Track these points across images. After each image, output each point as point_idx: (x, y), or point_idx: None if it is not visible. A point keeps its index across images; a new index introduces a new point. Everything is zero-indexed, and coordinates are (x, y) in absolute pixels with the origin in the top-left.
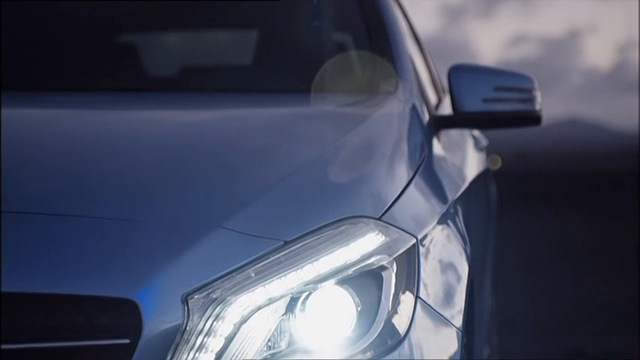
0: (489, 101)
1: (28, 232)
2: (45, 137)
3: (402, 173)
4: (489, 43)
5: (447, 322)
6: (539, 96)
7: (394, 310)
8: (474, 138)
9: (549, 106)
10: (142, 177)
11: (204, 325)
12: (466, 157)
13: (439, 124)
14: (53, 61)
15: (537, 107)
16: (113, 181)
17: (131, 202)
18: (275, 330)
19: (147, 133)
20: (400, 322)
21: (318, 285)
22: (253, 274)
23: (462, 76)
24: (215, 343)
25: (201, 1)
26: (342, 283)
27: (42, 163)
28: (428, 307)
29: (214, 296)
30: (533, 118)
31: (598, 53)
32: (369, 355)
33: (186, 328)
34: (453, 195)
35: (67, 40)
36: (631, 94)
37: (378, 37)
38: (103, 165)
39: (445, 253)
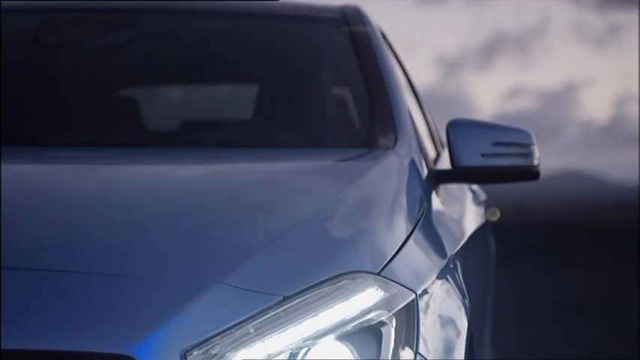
0: (488, 156)
1: (26, 288)
2: (43, 193)
3: (401, 228)
4: (486, 96)
5: None
6: (537, 151)
7: None
8: (473, 192)
9: (547, 158)
10: (140, 232)
11: None
12: (465, 212)
13: (438, 178)
14: (53, 115)
15: (535, 162)
16: (111, 236)
17: (129, 257)
18: None
19: (145, 187)
20: None
21: (318, 340)
22: (252, 330)
23: (460, 130)
24: None
25: (201, 55)
26: (341, 338)
27: (40, 219)
28: None
29: (213, 352)
30: (532, 173)
31: (595, 106)
32: None
33: None
34: (452, 249)
35: (68, 94)
36: (629, 147)
37: (376, 92)
38: (101, 220)
39: (444, 308)
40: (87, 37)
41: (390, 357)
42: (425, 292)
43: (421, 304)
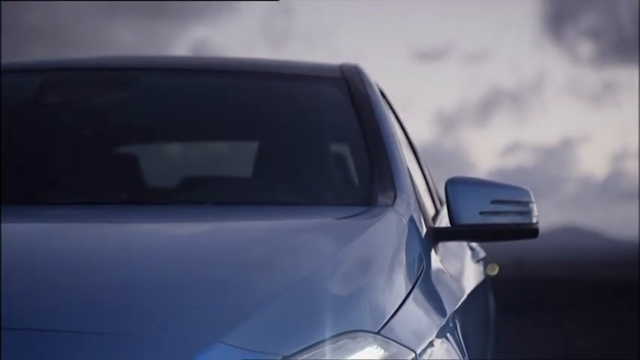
0: (486, 214)
1: (26, 349)
2: (43, 252)
3: (401, 286)
4: (484, 151)
5: None
6: (535, 209)
7: None
8: (472, 249)
9: (546, 213)
10: (139, 291)
11: None
12: (464, 269)
13: (437, 236)
14: (53, 173)
15: (534, 220)
16: (111, 295)
17: (128, 316)
18: None
19: (144, 246)
20: None
21: None
22: None
23: (459, 188)
24: None
25: (201, 112)
26: None
27: (40, 278)
28: None
29: None
30: (531, 231)
31: (592, 162)
32: None
33: None
34: (451, 307)
35: (68, 152)
36: (626, 203)
37: (375, 149)
38: (100, 279)
39: None
40: (88, 96)
41: None
42: (424, 351)
43: None
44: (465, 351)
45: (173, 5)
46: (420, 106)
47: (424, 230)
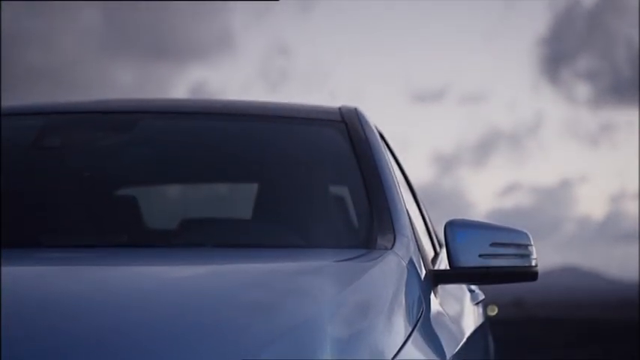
0: (486, 257)
1: None
2: (42, 295)
3: (400, 329)
4: (482, 192)
5: None
6: (534, 252)
7: None
8: (471, 291)
9: (545, 253)
10: (137, 334)
11: None
12: (463, 312)
13: (436, 279)
14: (53, 216)
15: (533, 263)
16: (108, 339)
17: None
18: None
19: (142, 289)
20: None
21: None
22: None
23: (458, 231)
24: None
25: (202, 155)
26: None
27: (39, 322)
28: None
29: None
30: (530, 274)
31: (590, 202)
32: None
33: None
34: (451, 350)
35: (68, 195)
36: (626, 244)
37: (374, 192)
38: (98, 323)
39: None
40: (87, 139)
41: None
42: None
43: None
44: None
45: (172, 47)
46: (418, 146)
47: (423, 273)
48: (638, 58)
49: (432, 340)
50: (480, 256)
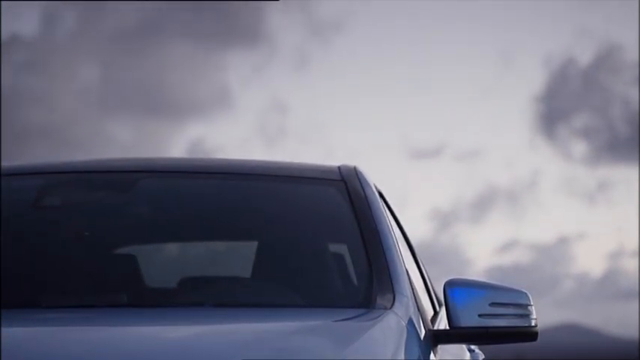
0: (485, 316)
1: None
2: (41, 357)
3: None
4: (481, 249)
5: None
6: (534, 312)
7: None
8: (471, 351)
9: (545, 310)
10: None
11: None
12: None
13: (436, 338)
14: (53, 277)
15: (533, 323)
16: None
17: None
18: None
19: (142, 351)
20: None
21: None
22: None
23: (458, 291)
24: None
25: (201, 213)
26: None
27: None
28: None
29: None
30: (530, 334)
31: (589, 260)
32: None
33: None
34: None
35: (67, 255)
36: (625, 301)
37: (374, 250)
38: None
39: None
40: (87, 198)
41: None
42: None
43: None
44: None
45: (170, 104)
46: (416, 203)
47: (423, 333)
48: (634, 115)
49: None
50: (480, 316)
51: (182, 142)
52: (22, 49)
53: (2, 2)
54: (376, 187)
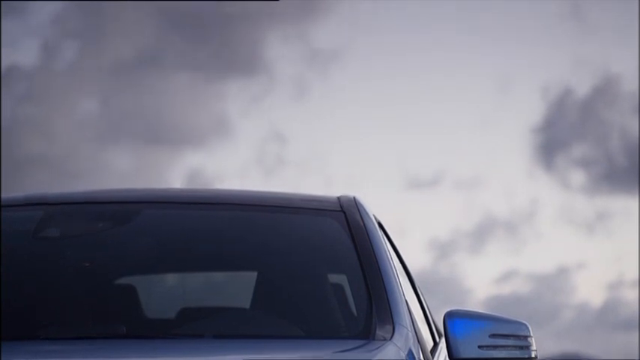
0: (485, 348)
1: None
2: None
3: None
4: (480, 278)
5: None
6: (534, 343)
7: None
8: None
9: (544, 341)
10: None
11: None
12: None
13: None
14: (53, 308)
15: (533, 355)
16: None
17: None
18: None
19: None
20: None
21: None
22: None
23: (458, 322)
24: None
25: (201, 244)
26: None
27: None
28: None
29: None
30: None
31: (588, 289)
32: None
33: None
34: None
35: (67, 286)
36: (624, 331)
37: (373, 281)
38: None
39: None
40: (87, 229)
41: None
42: None
43: None
44: None
45: (168, 134)
46: (414, 232)
47: None
48: (633, 145)
49: None
50: (480, 347)
51: (181, 171)
52: (21, 80)
53: (2, 33)
54: (375, 218)
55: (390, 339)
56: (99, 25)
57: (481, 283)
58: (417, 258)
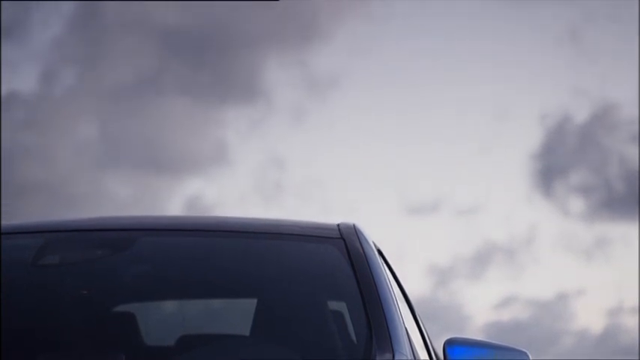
0: None
1: None
2: None
3: None
4: (479, 304)
5: None
6: None
7: None
8: None
9: None
10: None
11: None
12: None
13: None
14: (51, 335)
15: None
16: None
17: None
18: None
19: None
20: None
21: None
22: None
23: (458, 349)
24: None
25: (201, 271)
26: None
27: None
28: None
29: None
30: None
31: (588, 316)
32: None
33: None
34: None
35: (66, 314)
36: (624, 357)
37: (373, 308)
38: None
39: None
40: (86, 257)
41: None
42: None
43: None
44: None
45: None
46: (414, 258)
47: None
48: (631, 172)
49: None
50: None
51: (180, 197)
52: (21, 106)
53: (2, 60)
54: (375, 245)
55: None
56: (98, 50)
57: (481, 309)
58: (416, 284)
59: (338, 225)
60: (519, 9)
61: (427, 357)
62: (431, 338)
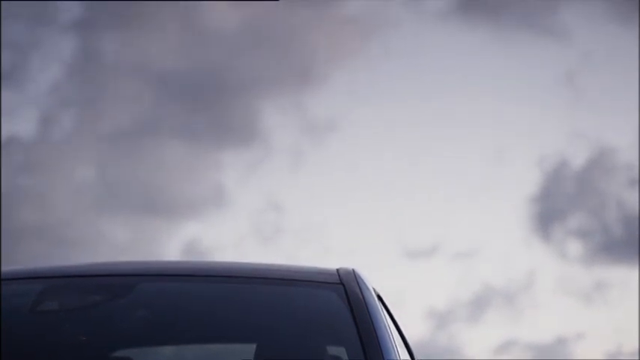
0: None
1: None
2: None
3: None
4: (478, 348)
5: None
6: None
7: None
8: None
9: None
10: None
11: None
12: None
13: None
14: None
15: None
16: None
17: None
18: None
19: None
20: None
21: None
22: None
23: None
24: None
25: (199, 316)
26: None
27: None
28: None
29: None
30: None
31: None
32: None
33: None
34: None
35: (64, 358)
36: None
37: (372, 354)
38: None
39: None
40: (85, 303)
41: None
42: None
43: None
44: None
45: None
46: (412, 302)
47: None
48: (629, 217)
49: None
50: None
51: (178, 241)
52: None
53: (2, 104)
54: (375, 290)
55: None
56: (96, 94)
57: (480, 353)
58: (415, 328)
59: (337, 270)
60: (517, 52)
61: None
62: None
